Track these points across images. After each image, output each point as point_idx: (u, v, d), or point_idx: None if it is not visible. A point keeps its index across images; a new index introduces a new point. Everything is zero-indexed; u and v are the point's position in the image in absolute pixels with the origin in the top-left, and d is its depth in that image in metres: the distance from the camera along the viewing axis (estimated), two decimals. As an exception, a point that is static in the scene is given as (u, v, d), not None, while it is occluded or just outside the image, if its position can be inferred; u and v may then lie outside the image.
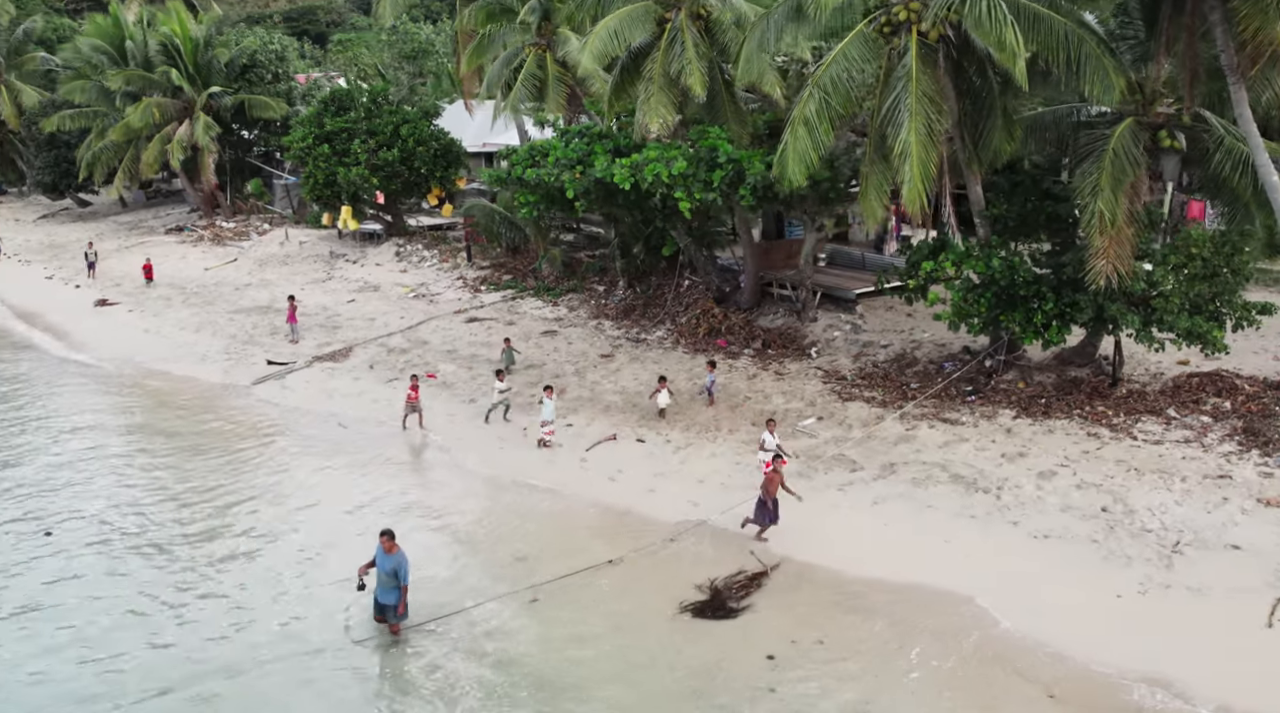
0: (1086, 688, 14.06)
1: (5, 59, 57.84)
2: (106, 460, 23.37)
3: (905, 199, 18.32)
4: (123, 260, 44.82)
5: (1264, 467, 18.91)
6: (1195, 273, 20.48)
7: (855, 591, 16.64)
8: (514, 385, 25.44)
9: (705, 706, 13.92)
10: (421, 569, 16.31)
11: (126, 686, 14.62)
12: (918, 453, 20.94)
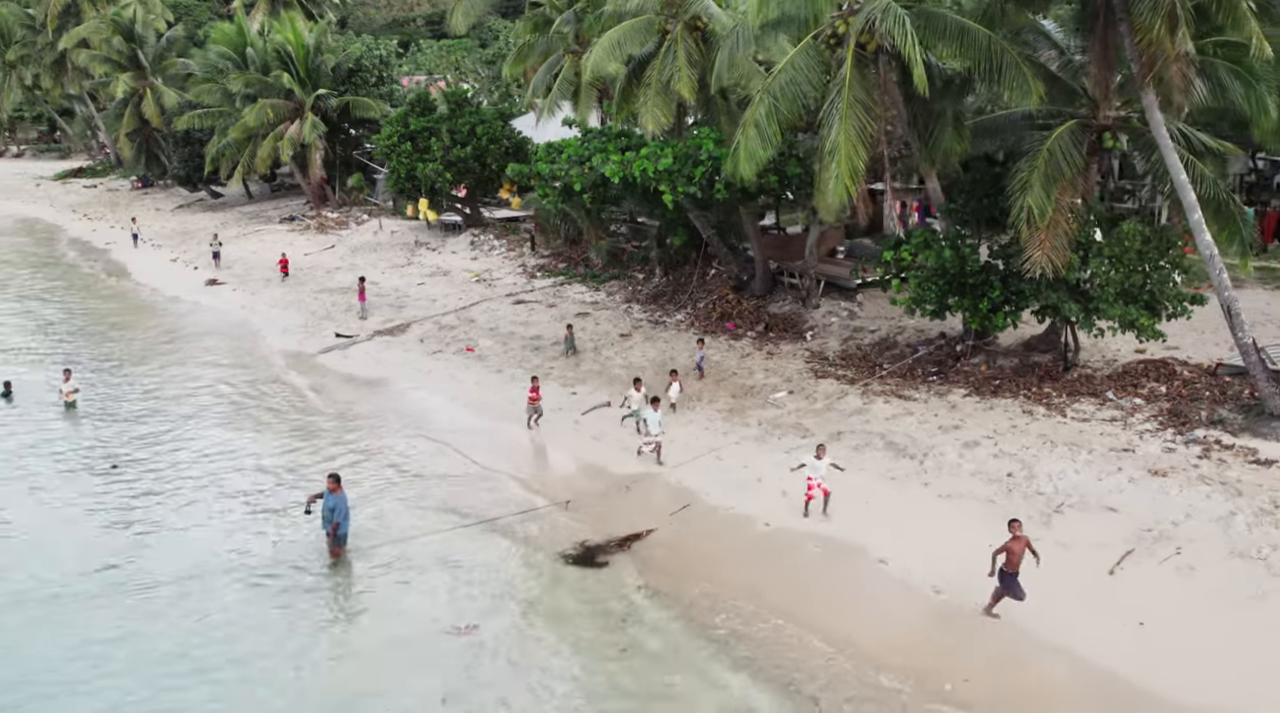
0: (932, 614, 16.29)
1: (150, 64, 64.18)
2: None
3: (832, 192, 20.59)
4: (238, 246, 49.81)
5: (1170, 444, 20.47)
6: (1129, 264, 22.02)
7: (763, 534, 19.11)
8: (556, 367, 28.57)
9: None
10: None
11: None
12: (866, 424, 23.13)
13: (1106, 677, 14.41)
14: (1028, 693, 14.46)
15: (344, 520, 18.39)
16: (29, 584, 18.16)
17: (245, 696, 15.10)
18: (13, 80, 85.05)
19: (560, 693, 14.97)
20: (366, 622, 17.19)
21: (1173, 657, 14.55)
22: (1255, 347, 20.45)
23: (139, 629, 16.74)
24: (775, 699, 14.59)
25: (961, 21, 20.74)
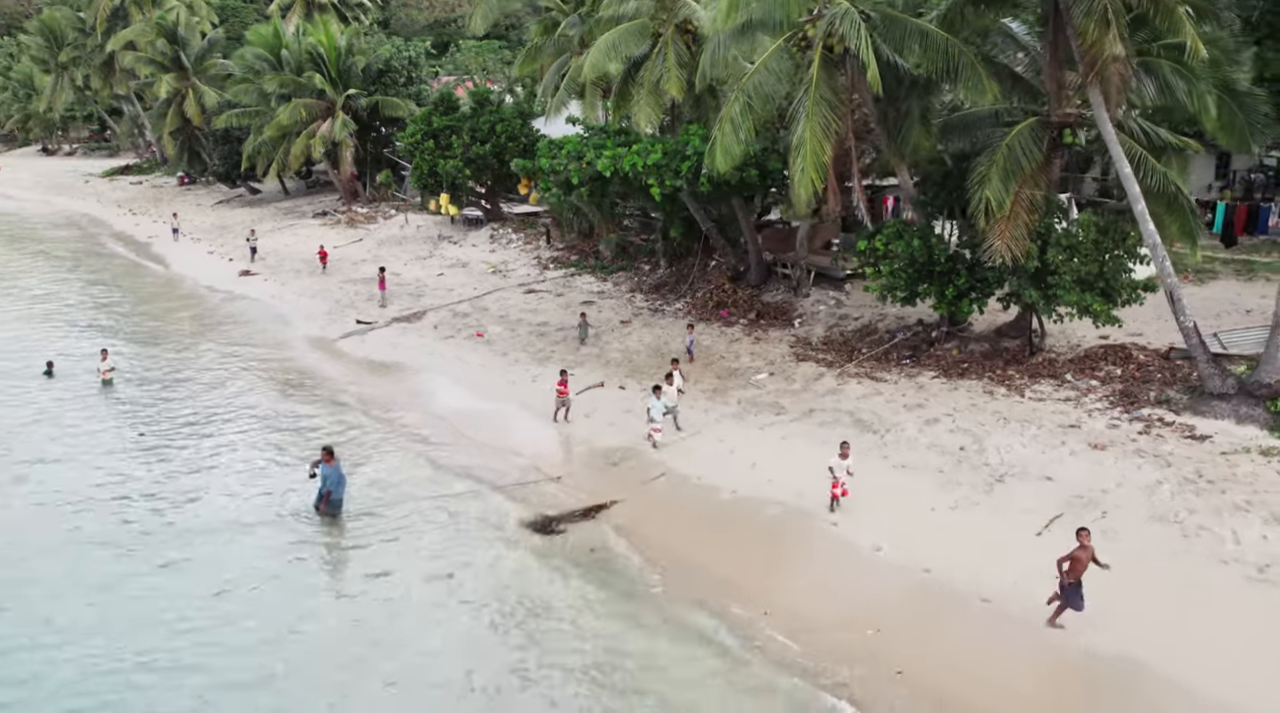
0: (867, 569, 17.85)
1: (192, 65, 66.82)
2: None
3: (797, 184, 22.15)
4: (272, 240, 52.05)
5: (1115, 421, 21.82)
6: (1085, 253, 23.36)
7: (726, 501, 20.75)
8: (556, 351, 30.37)
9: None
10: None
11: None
12: (837, 403, 24.66)
13: (1018, 624, 15.90)
14: (938, 638, 15.95)
15: (336, 487, 20.27)
16: (61, 537, 20.23)
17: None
18: (64, 81, 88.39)
19: (514, 633, 16.75)
20: (352, 567, 19.10)
21: (1096, 614, 15.91)
22: (1196, 330, 21.70)
23: (167, 563, 18.75)
24: (680, 633, 16.38)
25: (921, 25, 22.20)
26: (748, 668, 15.68)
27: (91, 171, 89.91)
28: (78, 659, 16.04)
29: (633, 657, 16.13)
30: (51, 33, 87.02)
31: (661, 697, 15.15)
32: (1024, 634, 15.67)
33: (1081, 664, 14.94)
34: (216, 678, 15.57)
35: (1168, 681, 14.23)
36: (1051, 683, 14.85)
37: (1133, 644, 14.98)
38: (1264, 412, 20.68)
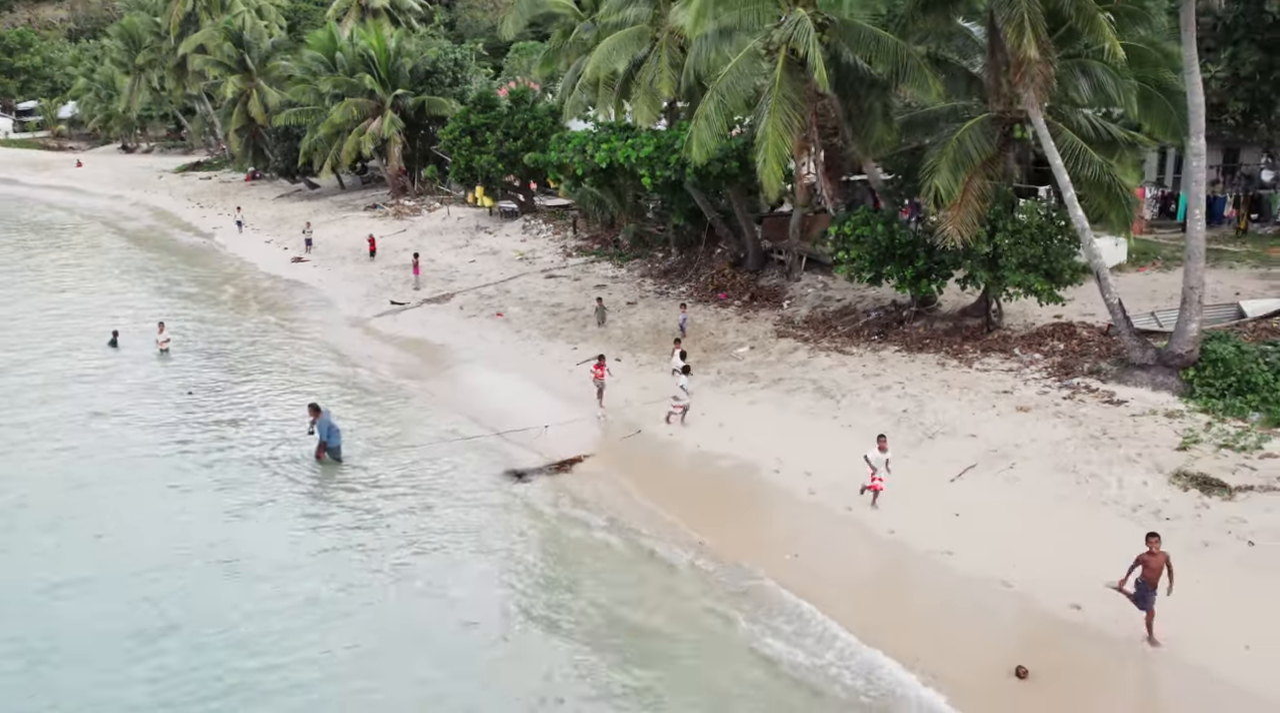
0: (798, 508, 20.42)
1: (256, 67, 71.02)
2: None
3: (761, 173, 24.73)
4: (324, 230, 55.70)
5: (1046, 389, 24.08)
6: (1028, 238, 25.56)
7: (690, 454, 23.45)
8: (565, 329, 33.23)
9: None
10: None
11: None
12: (805, 373, 27.18)
13: (916, 553, 18.39)
14: (843, 561, 18.50)
15: (330, 437, 23.35)
16: (121, 470, 23.62)
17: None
18: (142, 82, 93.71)
19: (483, 553, 19.64)
20: (339, 499, 22.17)
21: (974, 538, 18.41)
22: (1120, 307, 23.82)
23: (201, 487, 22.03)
24: (620, 539, 19.18)
25: (874, 30, 24.66)
26: (677, 575, 18.40)
27: (165, 168, 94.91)
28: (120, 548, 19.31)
29: (584, 567, 18.95)
30: (130, 37, 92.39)
31: (598, 592, 17.90)
32: (917, 561, 18.12)
33: (952, 580, 17.38)
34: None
35: (1029, 595, 16.63)
36: (922, 588, 17.34)
37: (1007, 569, 17.34)
38: (1176, 380, 22.79)
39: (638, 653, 16.16)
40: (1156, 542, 15.11)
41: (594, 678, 15.51)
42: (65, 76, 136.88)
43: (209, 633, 16.73)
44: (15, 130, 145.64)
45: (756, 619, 16.79)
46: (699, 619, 17.07)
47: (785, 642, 16.13)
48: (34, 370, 31.76)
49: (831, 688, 14.98)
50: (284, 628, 16.92)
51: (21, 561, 19.34)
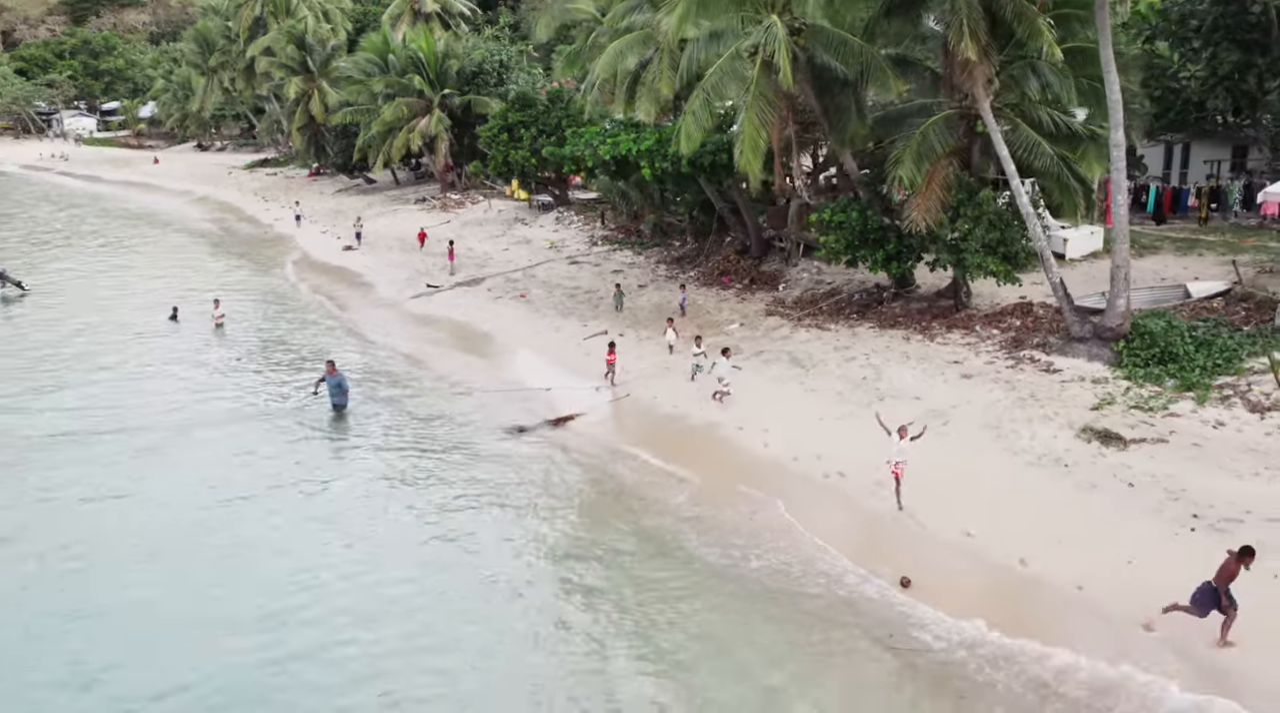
0: (754, 458, 23.16)
1: (317, 69, 75.20)
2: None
3: (739, 164, 27.47)
4: (375, 222, 59.49)
5: (993, 360, 26.49)
6: (987, 224, 27.92)
7: (666, 414, 26.28)
8: (578, 309, 36.27)
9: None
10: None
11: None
12: (784, 346, 29.86)
13: (847, 492, 21.07)
14: (785, 496, 21.23)
15: (338, 394, 26.49)
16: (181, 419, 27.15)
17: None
18: (214, 83, 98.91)
19: (481, 483, 22.69)
20: (354, 445, 25.35)
21: (908, 484, 20.97)
22: (1062, 285, 26.16)
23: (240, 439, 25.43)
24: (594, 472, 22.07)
25: (842, 34, 27.25)
26: (645, 503, 21.29)
27: (235, 165, 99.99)
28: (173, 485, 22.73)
29: (566, 489, 21.92)
30: (204, 40, 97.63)
31: (578, 503, 20.84)
32: (846, 495, 20.79)
33: (869, 511, 20.03)
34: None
35: (926, 524, 19.23)
36: (847, 509, 20.00)
37: (915, 501, 19.93)
38: (1109, 351, 25.08)
39: (604, 553, 19.09)
40: (1250, 559, 14.58)
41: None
42: (145, 78, 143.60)
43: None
44: (99, 129, 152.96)
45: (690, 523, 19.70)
46: (647, 526, 19.98)
47: (717, 548, 19.00)
48: (101, 338, 35.68)
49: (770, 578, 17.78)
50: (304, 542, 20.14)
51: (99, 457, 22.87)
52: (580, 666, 15.79)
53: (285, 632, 16.75)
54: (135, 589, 18.28)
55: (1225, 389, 22.72)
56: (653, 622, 16.92)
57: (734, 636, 16.37)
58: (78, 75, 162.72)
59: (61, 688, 15.39)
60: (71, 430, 26.21)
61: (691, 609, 17.30)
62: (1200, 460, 20.06)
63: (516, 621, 17.09)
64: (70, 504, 21.79)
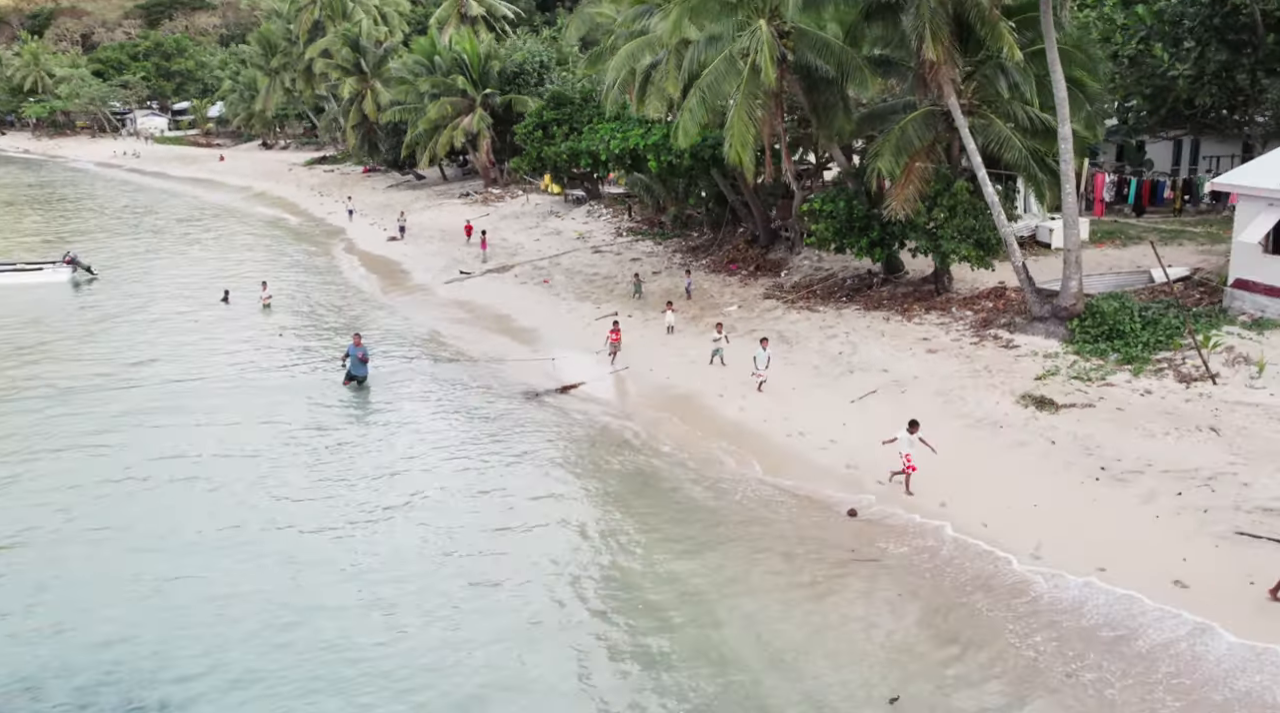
0: (728, 420, 25.63)
1: (371, 70, 78.81)
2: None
3: (728, 156, 29.91)
4: (420, 216, 62.80)
5: (959, 337, 28.63)
6: (961, 213, 30.05)
7: (658, 384, 28.83)
8: (594, 293, 38.98)
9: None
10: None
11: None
12: (775, 325, 32.23)
13: (812, 448, 23.48)
14: (754, 452, 23.67)
15: (358, 366, 29.28)
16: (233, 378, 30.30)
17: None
18: (277, 84, 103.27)
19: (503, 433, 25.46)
20: (377, 408, 28.23)
21: (849, 437, 23.29)
22: (1024, 268, 28.24)
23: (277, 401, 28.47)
24: (594, 424, 24.66)
25: (825, 37, 29.58)
26: (636, 451, 23.88)
27: (296, 162, 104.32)
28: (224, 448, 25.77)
29: (571, 440, 24.58)
30: (267, 42, 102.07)
31: (581, 451, 23.52)
32: (807, 452, 23.20)
33: (827, 461, 22.43)
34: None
35: (869, 474, 21.59)
36: (799, 461, 22.40)
37: (861, 457, 22.27)
38: (1064, 329, 27.14)
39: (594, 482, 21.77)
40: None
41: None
42: (214, 79, 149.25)
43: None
44: (170, 128, 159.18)
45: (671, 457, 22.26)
46: (635, 461, 22.59)
47: (693, 479, 21.57)
48: (158, 318, 39.16)
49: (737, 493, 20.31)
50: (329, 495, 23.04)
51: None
52: (580, 543, 18.49)
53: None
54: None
55: (1161, 363, 24.70)
56: (636, 513, 19.57)
57: (692, 510, 18.96)
58: (150, 76, 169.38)
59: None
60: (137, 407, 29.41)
61: (670, 506, 19.93)
62: (1119, 423, 22.15)
63: (536, 535, 20.01)
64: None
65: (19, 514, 21.09)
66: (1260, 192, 25.85)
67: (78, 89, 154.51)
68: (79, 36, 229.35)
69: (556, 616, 16.97)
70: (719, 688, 14.78)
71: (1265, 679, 13.89)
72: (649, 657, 15.67)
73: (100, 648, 16.06)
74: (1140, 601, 15.98)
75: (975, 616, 16.35)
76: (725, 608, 16.97)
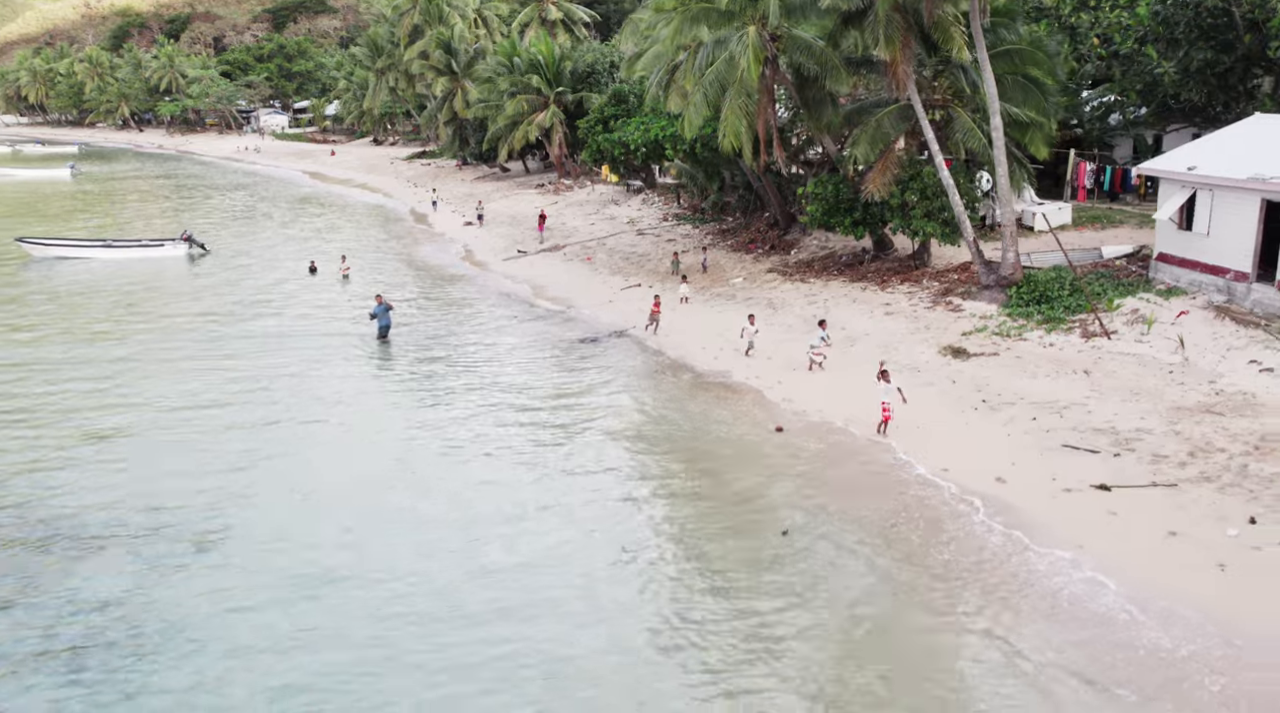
0: (718, 381, 30.33)
1: (461, 70, 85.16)
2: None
3: (721, 143, 34.50)
4: (497, 204, 68.59)
5: (916, 303, 32.72)
6: (930, 195, 34.04)
7: (671, 343, 33.63)
8: (625, 267, 43.97)
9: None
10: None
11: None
12: (769, 294, 36.73)
13: (763, 388, 28.04)
14: (723, 376, 28.34)
15: (383, 318, 34.59)
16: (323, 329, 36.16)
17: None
18: (382, 84, 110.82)
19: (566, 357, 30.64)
20: (400, 367, 33.59)
21: (810, 388, 27.72)
22: (976, 243, 32.15)
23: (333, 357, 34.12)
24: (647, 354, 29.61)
25: (808, 39, 33.95)
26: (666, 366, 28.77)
27: (398, 157, 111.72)
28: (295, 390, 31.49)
29: (625, 365, 29.63)
30: (374, 45, 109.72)
31: (625, 377, 28.53)
32: (758, 387, 27.80)
33: (770, 401, 26.96)
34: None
35: (809, 412, 26.06)
36: (753, 396, 26.95)
37: (805, 400, 26.73)
38: (1004, 295, 31.06)
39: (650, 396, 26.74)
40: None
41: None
42: (330, 79, 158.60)
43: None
44: (290, 126, 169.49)
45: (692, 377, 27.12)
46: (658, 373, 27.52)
47: (713, 389, 26.39)
48: (258, 285, 45.53)
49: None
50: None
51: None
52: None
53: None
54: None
55: (1075, 323, 28.54)
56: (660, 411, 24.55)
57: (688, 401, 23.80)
58: (273, 77, 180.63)
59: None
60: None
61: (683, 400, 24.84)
62: (1013, 368, 26.20)
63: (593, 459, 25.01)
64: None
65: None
66: (1173, 175, 29.40)
67: (207, 89, 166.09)
68: (211, 39, 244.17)
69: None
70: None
71: (1017, 538, 18.11)
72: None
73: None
74: (961, 488, 20.23)
75: (854, 475, 20.91)
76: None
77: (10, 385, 29.84)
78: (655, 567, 18.17)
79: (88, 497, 21.60)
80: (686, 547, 18.93)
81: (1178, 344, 25.70)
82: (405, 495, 21.59)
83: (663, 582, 17.62)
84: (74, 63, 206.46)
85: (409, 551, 18.98)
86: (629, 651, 15.54)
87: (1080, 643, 14.92)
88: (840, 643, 15.56)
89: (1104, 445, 21.32)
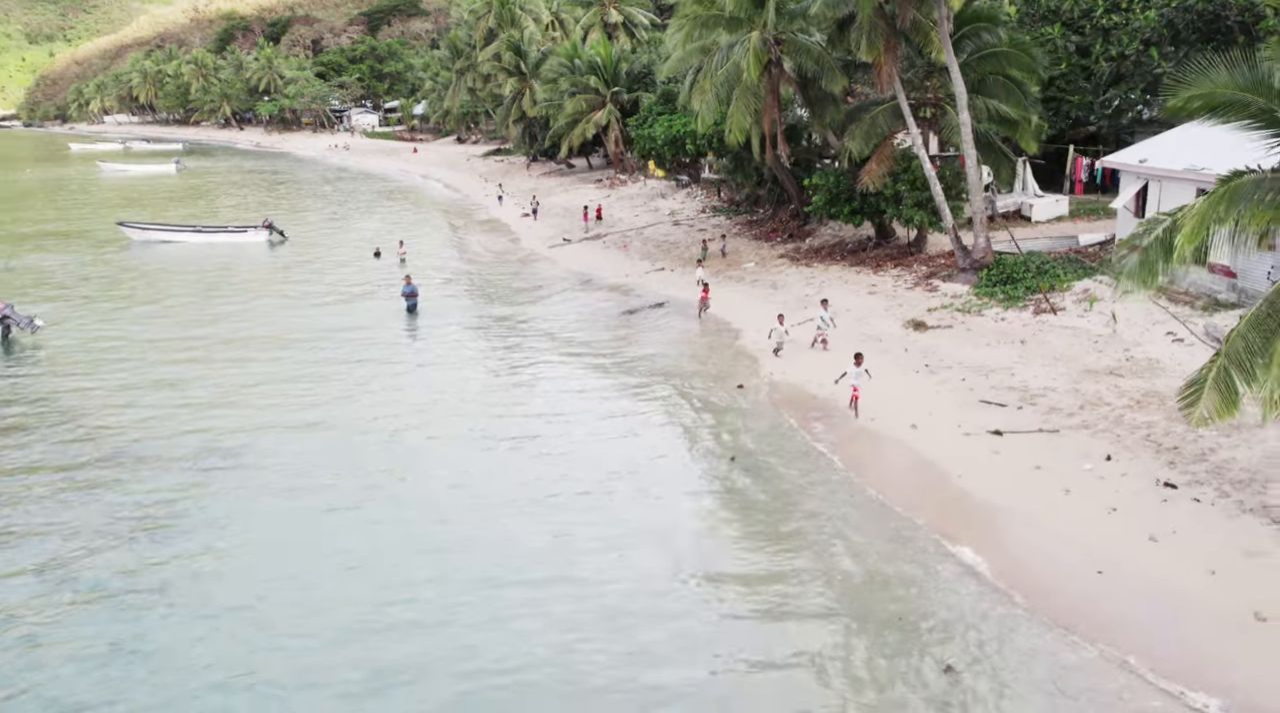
0: (716, 344, 33.91)
1: (529, 71, 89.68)
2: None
3: (728, 139, 37.94)
4: (554, 197, 72.85)
5: (899, 285, 35.76)
6: (919, 187, 37.01)
7: (690, 312, 37.28)
8: (652, 253, 47.74)
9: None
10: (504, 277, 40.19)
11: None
12: (775, 277, 40.06)
13: (748, 355, 31.56)
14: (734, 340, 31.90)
15: (411, 297, 38.77)
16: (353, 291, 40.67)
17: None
18: (461, 84, 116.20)
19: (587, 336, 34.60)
20: (425, 337, 37.71)
21: (794, 364, 31.13)
22: (954, 229, 35.09)
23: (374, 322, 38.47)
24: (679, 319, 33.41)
25: (807, 42, 37.24)
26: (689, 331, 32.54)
27: (475, 154, 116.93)
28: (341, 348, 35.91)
29: (655, 329, 33.48)
30: (454, 47, 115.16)
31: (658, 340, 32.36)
32: (754, 353, 31.30)
33: (764, 371, 30.44)
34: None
35: (789, 383, 29.50)
36: (747, 357, 30.44)
37: (787, 372, 30.15)
38: (976, 277, 33.98)
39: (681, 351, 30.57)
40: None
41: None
42: (418, 79, 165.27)
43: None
44: (380, 125, 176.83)
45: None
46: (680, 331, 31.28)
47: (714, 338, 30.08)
48: (328, 267, 50.35)
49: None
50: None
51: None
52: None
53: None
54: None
55: (1030, 301, 31.39)
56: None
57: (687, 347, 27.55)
58: (365, 77, 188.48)
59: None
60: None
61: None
62: (961, 339, 29.24)
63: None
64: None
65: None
66: (1129, 167, 32.06)
67: (303, 89, 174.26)
68: (310, 42, 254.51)
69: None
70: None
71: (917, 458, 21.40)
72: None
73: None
74: (878, 429, 23.53)
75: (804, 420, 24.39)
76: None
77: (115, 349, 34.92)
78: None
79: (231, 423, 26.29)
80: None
81: (1110, 318, 28.46)
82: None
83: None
84: (181, 64, 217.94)
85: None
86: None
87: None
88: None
89: (1013, 401, 24.36)
